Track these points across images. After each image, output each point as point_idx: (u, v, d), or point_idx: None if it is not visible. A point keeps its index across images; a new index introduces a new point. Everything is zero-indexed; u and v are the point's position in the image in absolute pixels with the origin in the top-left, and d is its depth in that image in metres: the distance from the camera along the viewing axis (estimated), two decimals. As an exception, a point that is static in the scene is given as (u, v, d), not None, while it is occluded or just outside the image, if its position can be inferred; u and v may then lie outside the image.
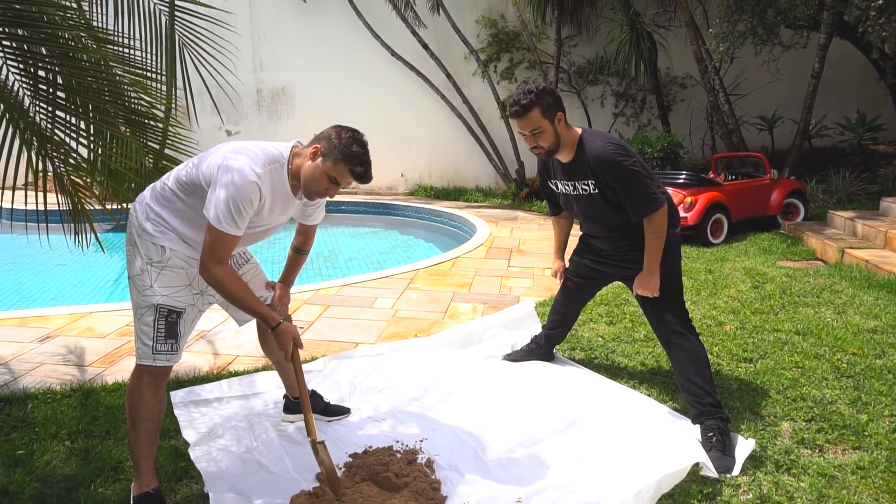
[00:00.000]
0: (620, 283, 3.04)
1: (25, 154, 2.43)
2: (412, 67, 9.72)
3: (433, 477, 2.28)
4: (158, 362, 2.06)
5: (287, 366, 2.61)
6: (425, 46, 9.47)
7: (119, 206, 3.25)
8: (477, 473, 2.29)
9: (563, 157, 2.62)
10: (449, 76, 9.58)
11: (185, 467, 2.36)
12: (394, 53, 9.71)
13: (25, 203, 2.76)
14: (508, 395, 2.88)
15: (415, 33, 9.41)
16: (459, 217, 7.84)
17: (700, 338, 2.68)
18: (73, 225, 3.14)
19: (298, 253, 2.52)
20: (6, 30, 1.97)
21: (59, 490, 2.21)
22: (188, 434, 2.56)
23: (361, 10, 9.71)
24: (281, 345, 2.11)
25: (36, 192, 2.57)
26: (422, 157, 10.34)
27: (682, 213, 6.06)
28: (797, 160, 7.72)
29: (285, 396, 2.71)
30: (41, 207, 2.67)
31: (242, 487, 2.17)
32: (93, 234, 3.05)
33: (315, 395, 2.73)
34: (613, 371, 3.18)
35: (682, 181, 6.33)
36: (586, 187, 2.60)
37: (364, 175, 2.11)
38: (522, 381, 3.02)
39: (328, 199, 2.25)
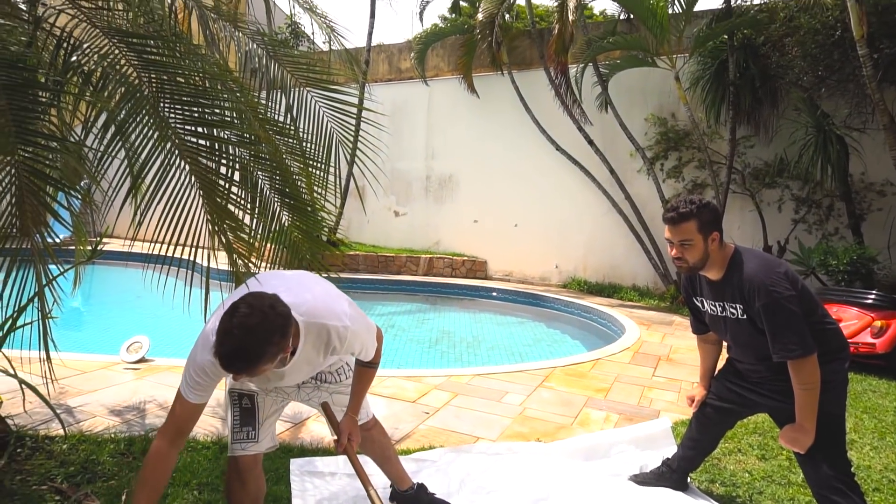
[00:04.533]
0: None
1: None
2: (576, 162, 9.81)
3: None
4: (236, 452, 2.08)
5: (382, 464, 2.59)
6: (590, 142, 9.55)
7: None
8: None
9: (712, 274, 2.44)
10: (612, 171, 9.50)
11: (288, 539, 2.43)
12: (558, 148, 9.90)
13: (208, 262, 3.13)
14: (627, 524, 2.61)
15: (581, 129, 9.55)
16: (609, 316, 7.53)
17: (870, 497, 2.25)
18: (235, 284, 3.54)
19: (362, 366, 2.20)
20: (201, 129, 2.31)
21: (177, 539, 2.37)
22: (298, 504, 2.65)
23: (530, 105, 10.11)
24: None
25: (215, 255, 2.90)
26: (578, 249, 10.21)
27: (869, 339, 5.28)
28: None
29: (392, 486, 2.71)
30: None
31: (333, 571, 2.17)
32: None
33: (421, 489, 2.69)
34: (758, 517, 2.77)
35: (870, 301, 5.55)
36: (734, 311, 2.38)
37: (218, 356, 1.64)
38: (646, 510, 2.73)
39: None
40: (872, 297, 5.58)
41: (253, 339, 1.62)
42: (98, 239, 3.60)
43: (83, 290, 3.01)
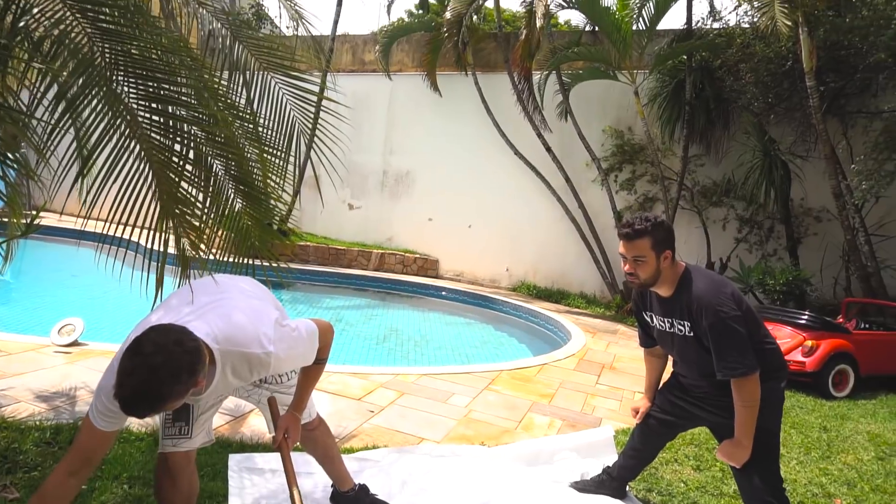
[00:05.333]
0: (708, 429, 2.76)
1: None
2: (532, 167, 9.91)
3: None
4: (165, 448, 1.99)
5: (325, 463, 2.54)
6: (548, 149, 9.67)
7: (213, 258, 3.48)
8: None
9: (663, 291, 2.49)
10: (568, 180, 9.65)
11: (222, 538, 2.34)
12: (517, 152, 9.98)
13: (149, 243, 3.01)
14: (566, 531, 2.64)
15: (540, 136, 9.65)
16: (556, 322, 7.64)
17: None
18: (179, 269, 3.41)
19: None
20: (156, 105, 2.21)
21: (103, 535, 2.26)
22: (234, 502, 2.56)
23: (492, 108, 10.15)
24: None
25: (160, 237, 2.79)
26: (529, 254, 10.32)
27: (799, 358, 5.52)
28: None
29: (333, 486, 2.65)
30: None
31: (268, 574, 2.10)
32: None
33: (362, 490, 2.65)
34: (691, 527, 2.84)
35: (803, 322, 5.80)
36: (682, 328, 2.43)
37: (128, 410, 1.51)
38: (585, 518, 2.76)
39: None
40: (805, 317, 5.84)
41: (156, 379, 1.49)
42: (34, 213, 3.41)
43: (13, 266, 2.81)
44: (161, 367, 1.49)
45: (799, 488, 3.36)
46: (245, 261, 3.05)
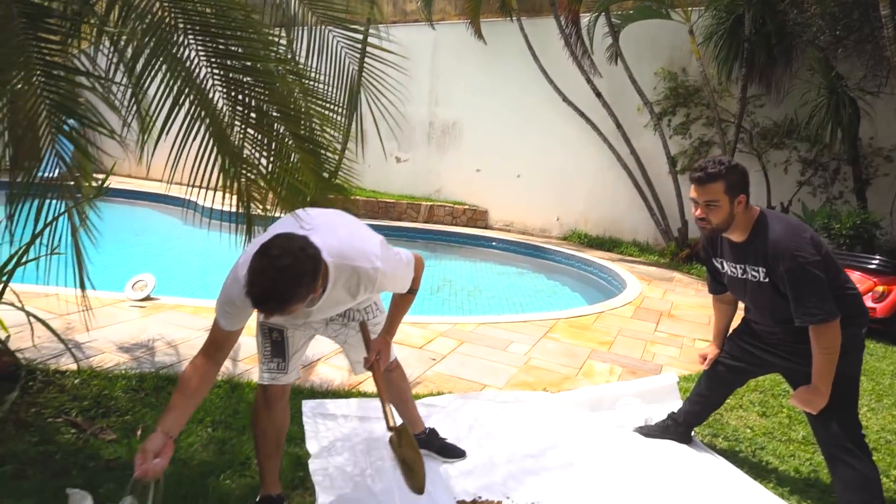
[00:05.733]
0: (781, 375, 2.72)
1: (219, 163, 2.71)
2: (582, 114, 9.65)
3: (539, 544, 2.16)
4: (264, 381, 2.14)
5: (398, 405, 2.63)
6: (598, 94, 9.37)
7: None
8: (587, 552, 2.13)
9: (735, 236, 2.42)
10: (619, 125, 9.36)
11: (303, 477, 2.47)
12: (565, 99, 9.72)
13: (213, 202, 3.09)
14: (637, 475, 2.67)
15: (589, 81, 9.35)
16: (610, 270, 7.57)
17: (873, 457, 2.30)
18: (246, 227, 3.50)
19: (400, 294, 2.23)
20: (219, 61, 2.23)
21: (193, 474, 2.40)
22: (311, 445, 2.68)
23: (538, 54, 9.86)
24: None
25: (222, 197, 2.87)
26: (580, 203, 10.16)
27: (870, 304, 5.33)
28: None
29: (405, 428, 2.74)
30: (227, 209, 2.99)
31: (350, 511, 2.22)
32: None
33: (433, 433, 2.73)
34: (759, 471, 2.84)
35: (874, 266, 5.58)
36: (756, 274, 2.37)
37: (254, 297, 1.63)
38: (654, 463, 2.79)
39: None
40: (876, 262, 5.61)
41: (284, 280, 1.61)
42: (105, 176, 3.52)
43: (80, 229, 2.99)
44: (287, 269, 1.60)
45: (871, 435, 3.30)
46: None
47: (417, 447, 2.08)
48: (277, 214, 3.31)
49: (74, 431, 2.65)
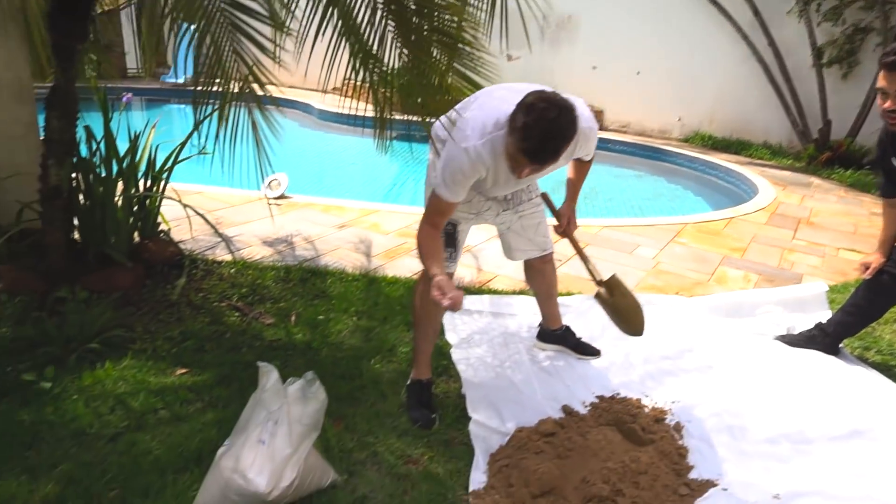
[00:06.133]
0: None
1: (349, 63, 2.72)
2: (714, 1, 8.74)
3: (680, 443, 2.19)
4: None
5: (544, 300, 2.67)
6: (735, -23, 8.41)
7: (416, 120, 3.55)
8: (731, 453, 2.14)
9: None
10: (756, 12, 8.41)
11: (446, 366, 2.60)
12: (696, -16, 8.81)
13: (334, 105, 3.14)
14: (778, 382, 2.60)
15: (726, -39, 8.39)
16: (738, 174, 7.08)
17: None
18: (376, 131, 3.54)
19: (579, 161, 2.36)
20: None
21: (346, 356, 2.60)
22: (450, 336, 2.80)
23: (669, -67, 8.91)
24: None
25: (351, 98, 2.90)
26: (705, 102, 9.41)
27: None
28: None
29: (540, 325, 2.80)
30: (350, 112, 3.03)
31: (494, 399, 2.32)
32: (388, 140, 3.40)
33: (568, 331, 2.77)
34: (918, 386, 2.67)
35: None
36: None
37: (533, 152, 1.76)
38: (797, 370, 2.69)
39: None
40: None
41: (556, 130, 1.73)
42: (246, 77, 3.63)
43: (210, 129, 3.15)
44: (557, 120, 1.73)
45: None
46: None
47: (632, 294, 2.31)
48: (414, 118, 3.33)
49: (238, 314, 2.92)
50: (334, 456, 1.97)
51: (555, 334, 2.73)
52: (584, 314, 3.08)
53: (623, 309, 2.30)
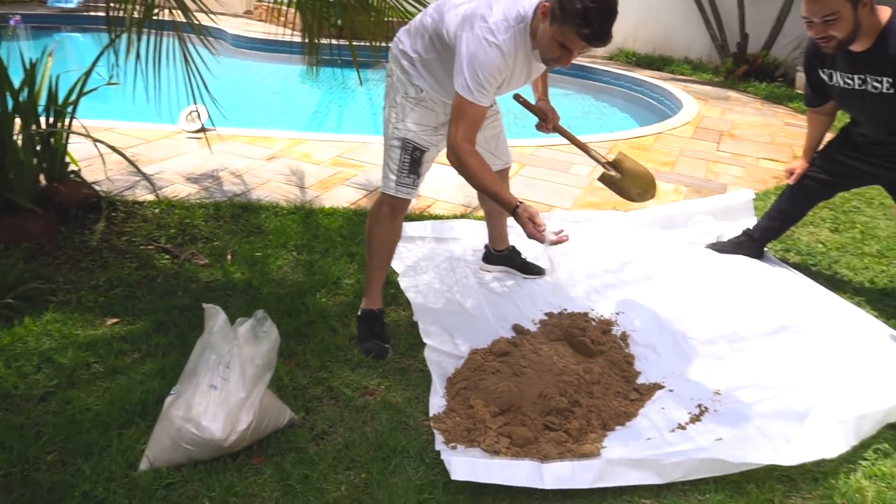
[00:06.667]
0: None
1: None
2: None
3: (627, 351, 2.27)
4: (400, 194, 2.15)
5: (495, 219, 2.66)
6: None
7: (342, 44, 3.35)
8: (675, 357, 2.24)
9: (857, 45, 2.18)
10: (678, -77, 8.34)
11: (394, 294, 2.57)
12: None
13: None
14: (712, 287, 2.72)
15: None
16: (662, 89, 7.19)
17: None
18: (304, 56, 3.33)
19: None
20: None
21: (290, 292, 2.52)
22: (396, 265, 2.75)
23: None
24: (522, 227, 1.91)
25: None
26: (629, 19, 9.37)
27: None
28: None
29: (486, 247, 2.79)
30: (263, 36, 2.83)
31: (447, 324, 2.32)
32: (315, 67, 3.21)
33: (514, 251, 2.78)
34: (834, 283, 2.87)
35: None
36: (877, 84, 2.17)
37: (595, 36, 1.74)
38: (728, 275, 2.83)
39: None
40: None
41: (615, 10, 1.75)
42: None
43: (104, 59, 2.86)
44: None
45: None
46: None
47: (634, 160, 2.39)
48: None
49: (168, 257, 2.76)
50: (289, 394, 1.93)
51: (501, 255, 2.74)
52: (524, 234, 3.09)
53: (641, 174, 2.41)
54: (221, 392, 1.62)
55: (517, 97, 2.38)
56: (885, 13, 2.12)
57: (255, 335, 1.69)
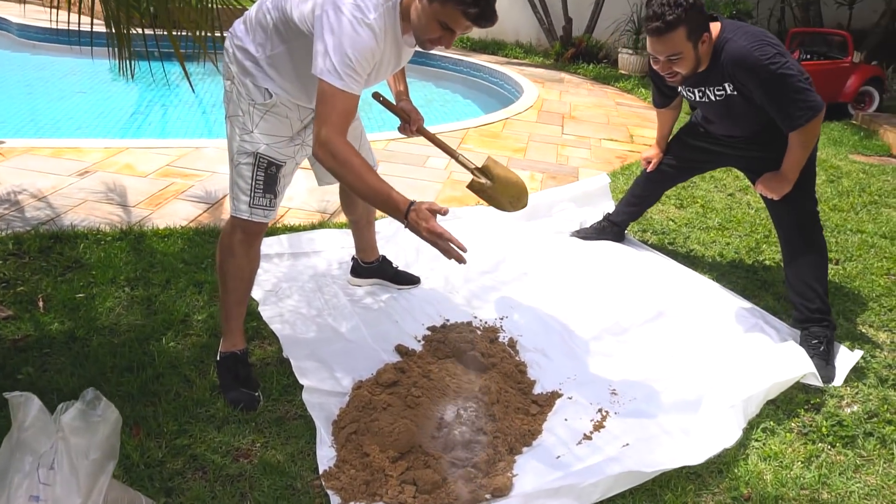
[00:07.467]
0: None
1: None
2: None
3: (518, 358, 2.17)
4: (255, 217, 1.84)
5: (362, 229, 2.43)
6: None
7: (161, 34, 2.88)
8: (566, 359, 2.18)
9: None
10: None
11: (256, 327, 2.24)
12: None
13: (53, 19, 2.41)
14: (586, 278, 2.73)
15: None
16: (501, 73, 7.31)
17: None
18: (111, 49, 2.81)
19: None
20: None
21: (127, 340, 2.10)
22: (254, 292, 2.42)
23: None
24: (419, 234, 1.60)
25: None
26: (459, 2, 9.46)
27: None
28: (878, 43, 7.04)
29: (354, 258, 2.55)
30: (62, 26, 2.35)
31: (323, 356, 2.06)
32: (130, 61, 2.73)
33: (385, 261, 2.57)
34: (690, 260, 3.01)
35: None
36: (721, 92, 2.24)
37: (482, 16, 1.61)
38: (599, 263, 2.85)
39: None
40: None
41: None
42: None
43: None
44: None
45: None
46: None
47: (504, 166, 2.16)
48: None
49: (-45, 313, 2.18)
50: (142, 475, 1.57)
51: (371, 267, 2.51)
52: (392, 238, 2.90)
53: (512, 181, 2.14)
54: (48, 503, 1.24)
55: (377, 96, 2.16)
56: (716, 29, 2.17)
57: (87, 420, 1.32)
